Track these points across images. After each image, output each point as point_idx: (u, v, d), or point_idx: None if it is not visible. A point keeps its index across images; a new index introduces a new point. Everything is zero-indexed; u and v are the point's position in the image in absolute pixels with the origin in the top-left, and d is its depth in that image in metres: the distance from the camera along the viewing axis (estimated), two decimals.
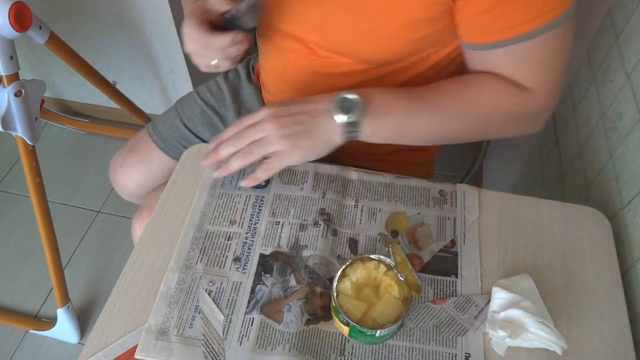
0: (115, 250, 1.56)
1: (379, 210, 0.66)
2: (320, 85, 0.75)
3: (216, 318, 0.57)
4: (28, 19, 0.99)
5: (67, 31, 1.43)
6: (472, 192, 0.68)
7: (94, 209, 1.65)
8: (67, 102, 1.87)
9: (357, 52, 0.69)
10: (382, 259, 0.56)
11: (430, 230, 0.64)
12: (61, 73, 1.70)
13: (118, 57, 1.60)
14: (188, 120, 0.93)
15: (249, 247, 0.63)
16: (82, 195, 1.69)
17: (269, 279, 0.60)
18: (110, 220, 1.63)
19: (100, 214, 1.64)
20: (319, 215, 0.66)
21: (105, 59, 1.60)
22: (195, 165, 0.73)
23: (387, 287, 0.55)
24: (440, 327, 0.56)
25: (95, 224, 1.62)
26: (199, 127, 0.93)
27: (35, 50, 1.63)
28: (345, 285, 0.55)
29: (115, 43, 1.54)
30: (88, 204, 1.67)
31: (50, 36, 1.11)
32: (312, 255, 0.62)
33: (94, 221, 1.63)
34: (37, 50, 1.62)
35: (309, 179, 0.69)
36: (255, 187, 0.68)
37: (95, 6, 1.44)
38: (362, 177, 0.70)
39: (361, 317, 0.53)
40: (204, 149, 0.75)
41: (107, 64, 1.60)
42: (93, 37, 1.54)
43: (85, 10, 1.46)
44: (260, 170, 0.64)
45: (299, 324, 0.56)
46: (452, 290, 0.59)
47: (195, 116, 0.93)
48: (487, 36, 0.60)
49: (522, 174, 1.17)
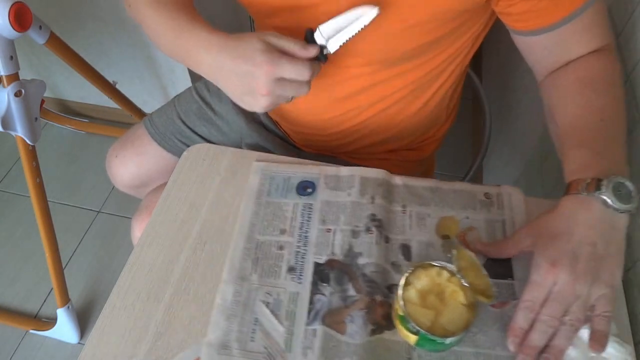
0: (115, 250, 1.56)
1: (428, 215, 0.65)
2: (327, 88, 0.75)
3: (277, 330, 0.56)
4: (28, 19, 0.99)
5: (67, 31, 1.43)
6: (517, 194, 0.67)
7: (94, 209, 1.65)
8: (67, 102, 1.87)
9: (370, 51, 0.68)
10: (444, 265, 0.55)
11: (481, 234, 0.63)
12: (61, 73, 1.70)
13: (118, 57, 1.60)
14: (185, 115, 0.93)
15: (302, 256, 0.62)
16: (82, 195, 1.69)
17: (326, 289, 0.59)
18: (110, 220, 1.63)
19: (100, 214, 1.64)
20: (370, 221, 0.64)
21: (105, 59, 1.60)
22: (195, 165, 0.73)
23: (453, 293, 0.54)
24: (504, 332, 0.55)
25: (95, 224, 1.62)
26: (195, 122, 0.93)
27: (35, 50, 1.63)
28: (410, 293, 0.54)
29: (115, 43, 1.54)
30: (88, 204, 1.67)
31: (50, 36, 1.12)
32: (368, 262, 0.61)
33: (94, 221, 1.63)
34: (37, 50, 1.62)
35: (356, 183, 0.68)
36: (301, 194, 0.68)
37: (95, 6, 1.44)
38: (406, 182, 0.69)
39: (430, 325, 0.52)
40: (204, 149, 0.75)
41: (107, 64, 1.60)
42: (93, 37, 1.54)
43: (85, 10, 1.46)
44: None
45: (364, 334, 0.55)
46: (510, 293, 0.58)
47: (192, 111, 0.93)
48: (556, 15, 0.59)
49: (522, 174, 1.17)
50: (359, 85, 0.74)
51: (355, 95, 0.75)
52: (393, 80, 0.73)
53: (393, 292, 0.59)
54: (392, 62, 0.70)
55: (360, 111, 0.78)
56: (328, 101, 0.77)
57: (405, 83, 0.73)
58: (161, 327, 0.58)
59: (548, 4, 0.59)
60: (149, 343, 0.56)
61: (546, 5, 0.59)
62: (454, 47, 0.70)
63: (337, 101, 0.76)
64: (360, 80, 0.73)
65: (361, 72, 0.72)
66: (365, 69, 0.71)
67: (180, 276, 0.62)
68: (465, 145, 1.77)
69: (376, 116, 0.78)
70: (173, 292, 0.60)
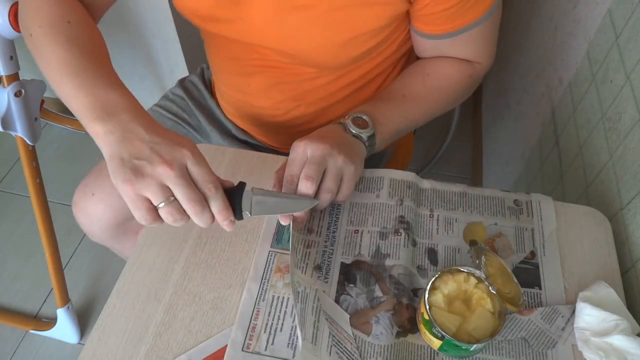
0: None
1: (455, 220, 0.65)
2: (284, 92, 0.79)
3: (302, 323, 0.56)
4: None
5: None
6: (547, 202, 0.67)
7: None
8: None
9: (322, 62, 0.73)
10: (471, 271, 0.55)
11: (509, 241, 0.63)
12: None
13: (118, 57, 1.59)
14: None
15: (329, 256, 0.62)
16: None
17: (353, 289, 0.59)
18: None
19: None
20: (398, 223, 0.64)
21: None
22: None
23: (480, 300, 0.54)
24: (529, 340, 0.55)
25: None
26: None
27: None
28: (437, 298, 0.54)
29: (115, 43, 1.54)
30: None
31: None
32: (396, 265, 0.60)
33: None
34: None
35: (384, 185, 0.68)
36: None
37: None
38: (434, 186, 0.69)
39: (456, 330, 0.52)
40: (204, 149, 0.75)
41: None
42: None
43: None
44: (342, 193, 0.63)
45: (389, 336, 0.55)
46: (537, 302, 0.58)
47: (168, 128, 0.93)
48: (446, 27, 0.69)
49: (522, 174, 1.17)
50: (316, 85, 0.78)
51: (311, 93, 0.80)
52: (345, 77, 0.78)
53: (418, 295, 0.59)
54: (342, 67, 0.76)
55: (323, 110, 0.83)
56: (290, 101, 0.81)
57: (358, 77, 0.78)
58: (161, 327, 0.58)
59: (449, 15, 0.67)
60: (149, 343, 0.56)
61: (452, 13, 0.67)
62: (400, 38, 0.76)
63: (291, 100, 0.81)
64: (319, 81, 0.77)
65: (317, 76, 0.77)
66: (320, 73, 0.76)
67: (180, 276, 0.62)
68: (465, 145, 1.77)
69: (342, 101, 0.82)
70: (173, 292, 0.60)
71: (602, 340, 0.53)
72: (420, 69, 0.76)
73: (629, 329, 0.53)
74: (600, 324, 0.54)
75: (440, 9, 0.66)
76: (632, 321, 0.55)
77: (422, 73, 0.76)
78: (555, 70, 1.02)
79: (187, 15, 0.74)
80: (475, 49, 0.74)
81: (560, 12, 1.04)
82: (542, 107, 1.08)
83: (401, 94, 0.74)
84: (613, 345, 0.53)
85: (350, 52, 0.71)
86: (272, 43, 0.71)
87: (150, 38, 1.49)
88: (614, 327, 0.53)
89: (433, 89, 0.75)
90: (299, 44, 0.70)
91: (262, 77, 0.78)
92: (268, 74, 0.77)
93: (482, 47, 0.75)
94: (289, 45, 0.70)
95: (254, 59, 0.76)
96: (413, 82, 0.75)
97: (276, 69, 0.76)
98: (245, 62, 0.78)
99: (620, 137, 0.70)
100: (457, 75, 0.76)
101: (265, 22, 0.68)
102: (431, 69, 0.76)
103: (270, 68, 0.76)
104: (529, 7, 1.30)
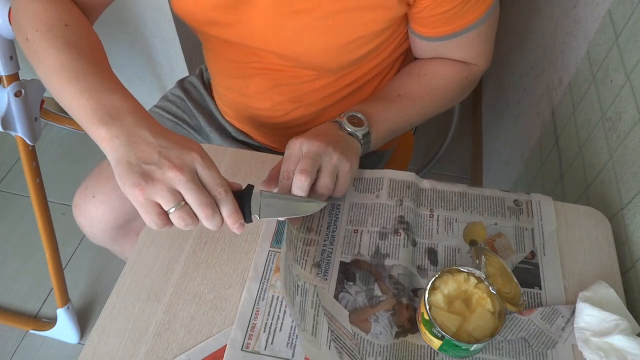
0: None
1: (455, 220, 0.65)
2: (283, 93, 0.79)
3: (303, 315, 0.56)
4: None
5: None
6: (547, 202, 0.67)
7: None
8: None
9: (321, 65, 0.73)
10: (471, 271, 0.55)
11: (509, 241, 0.63)
12: None
13: (118, 57, 1.59)
14: None
15: (328, 255, 0.62)
16: None
17: (352, 287, 0.59)
18: None
19: None
20: (398, 223, 0.64)
21: None
22: None
23: (480, 300, 0.54)
24: (529, 340, 0.55)
25: None
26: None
27: None
28: (437, 297, 0.54)
29: (115, 43, 1.54)
30: None
31: None
32: (396, 264, 0.61)
33: None
34: None
35: (384, 186, 0.68)
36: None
37: None
38: (434, 186, 0.69)
39: (456, 330, 0.52)
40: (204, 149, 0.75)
41: None
42: None
43: None
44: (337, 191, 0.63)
45: (388, 336, 0.55)
46: (537, 302, 0.58)
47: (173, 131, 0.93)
48: (444, 30, 0.70)
49: (522, 174, 1.17)
50: (316, 87, 0.78)
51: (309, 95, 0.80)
52: (344, 78, 0.78)
53: (418, 295, 0.59)
54: (342, 70, 0.76)
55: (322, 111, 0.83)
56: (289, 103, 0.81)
57: (357, 78, 0.79)
58: (161, 327, 0.58)
59: (448, 18, 0.68)
60: (149, 343, 0.56)
61: (450, 16, 0.68)
62: (398, 40, 0.76)
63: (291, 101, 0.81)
64: (318, 83, 0.78)
65: (316, 78, 0.77)
66: (320, 75, 0.77)
67: (180, 276, 0.62)
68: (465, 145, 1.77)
69: (338, 103, 0.82)
70: (173, 292, 0.60)
71: (602, 340, 0.53)
72: (417, 69, 0.77)
73: (629, 329, 0.53)
74: (600, 324, 0.54)
75: (438, 12, 0.66)
76: (632, 321, 0.55)
77: (418, 73, 0.76)
78: (555, 70, 1.02)
79: (186, 19, 0.73)
80: (472, 51, 0.75)
81: (560, 12, 1.04)
82: (542, 107, 1.08)
83: (397, 93, 0.75)
84: (613, 345, 0.53)
85: (350, 55, 0.71)
86: (272, 46, 0.71)
87: (150, 38, 1.49)
88: (614, 327, 0.53)
89: (429, 89, 0.75)
90: (299, 47, 0.70)
91: (262, 79, 0.78)
92: (267, 76, 0.78)
93: (479, 50, 0.75)
94: (289, 48, 0.71)
95: (254, 62, 0.76)
96: (409, 82, 0.76)
97: (276, 71, 0.76)
98: (245, 65, 0.78)
99: (620, 137, 0.70)
100: (453, 76, 0.76)
101: (265, 26, 0.69)
102: (427, 69, 0.76)
103: (270, 70, 0.77)
104: (529, 7, 1.30)
